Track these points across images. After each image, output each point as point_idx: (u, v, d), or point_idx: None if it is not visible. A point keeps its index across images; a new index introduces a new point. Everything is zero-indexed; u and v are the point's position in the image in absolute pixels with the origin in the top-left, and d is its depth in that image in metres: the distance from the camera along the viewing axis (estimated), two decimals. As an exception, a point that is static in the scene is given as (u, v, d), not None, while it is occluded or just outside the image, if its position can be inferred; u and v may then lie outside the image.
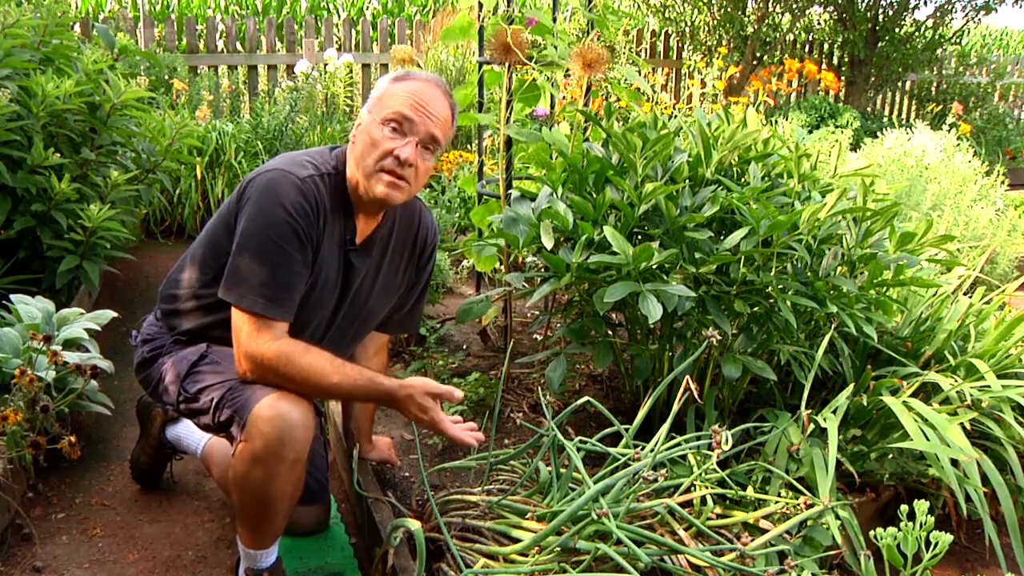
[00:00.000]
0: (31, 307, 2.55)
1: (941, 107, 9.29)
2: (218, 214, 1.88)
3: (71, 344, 2.49)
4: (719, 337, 1.97)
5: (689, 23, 8.69)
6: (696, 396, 1.83)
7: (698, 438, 2.03)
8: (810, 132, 7.28)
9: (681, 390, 1.84)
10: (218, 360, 1.84)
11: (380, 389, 1.81)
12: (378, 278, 1.98)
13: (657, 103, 6.89)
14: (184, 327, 1.92)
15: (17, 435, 2.04)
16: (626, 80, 2.88)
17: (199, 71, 6.53)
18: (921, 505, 1.33)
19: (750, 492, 1.97)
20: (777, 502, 1.90)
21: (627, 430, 1.99)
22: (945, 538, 1.30)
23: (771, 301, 2.21)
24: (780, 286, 2.17)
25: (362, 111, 1.84)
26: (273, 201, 1.72)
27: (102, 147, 3.38)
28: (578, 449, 1.95)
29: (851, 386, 2.16)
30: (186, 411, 1.87)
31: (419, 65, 6.30)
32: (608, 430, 2.07)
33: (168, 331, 1.95)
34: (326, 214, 1.79)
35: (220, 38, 6.85)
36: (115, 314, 2.74)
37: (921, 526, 1.32)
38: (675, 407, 1.87)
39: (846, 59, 9.12)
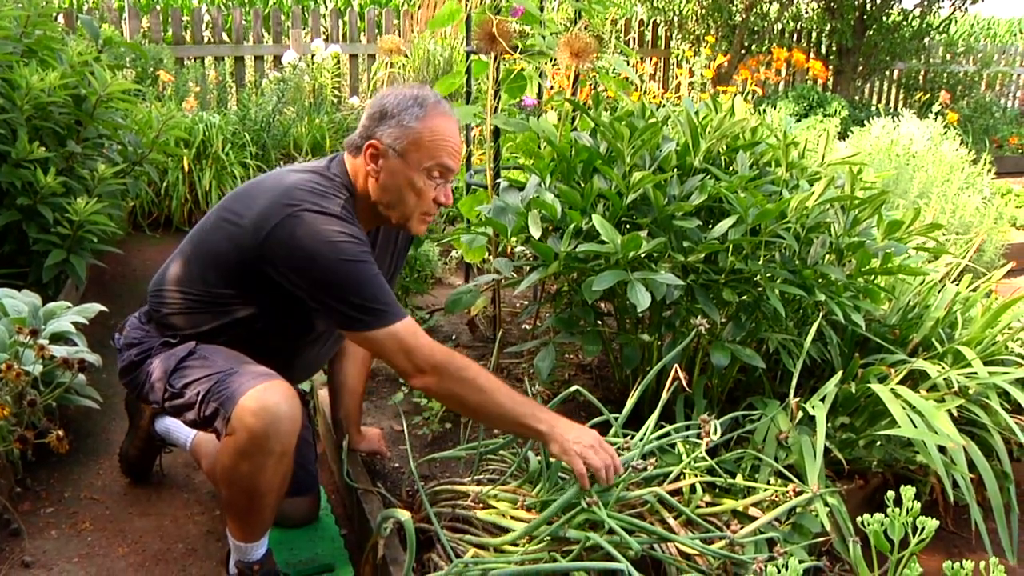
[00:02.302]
0: (17, 301, 2.53)
1: (928, 96, 9.30)
2: (219, 228, 1.83)
3: (58, 338, 2.48)
4: (707, 326, 1.97)
5: (677, 12, 8.68)
6: (685, 385, 1.84)
7: (687, 427, 2.04)
8: (798, 121, 7.28)
9: (670, 379, 1.85)
10: (206, 355, 1.82)
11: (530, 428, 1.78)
12: None
13: (645, 92, 6.89)
14: (176, 331, 1.89)
15: (4, 430, 2.03)
16: (614, 69, 2.87)
17: (185, 62, 6.47)
18: (908, 491, 1.33)
19: (739, 480, 1.98)
20: (766, 490, 1.91)
21: (616, 419, 1.99)
22: (931, 523, 1.30)
23: (759, 289, 2.21)
24: (768, 274, 2.18)
25: (387, 149, 1.79)
26: (333, 237, 1.70)
27: (88, 140, 3.36)
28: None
29: (839, 374, 2.17)
30: (171, 408, 1.85)
31: (406, 55, 6.26)
32: (597, 419, 2.07)
33: (156, 334, 1.92)
34: (363, 235, 1.82)
35: (206, 29, 6.80)
36: (103, 307, 2.73)
37: (908, 512, 1.32)
38: (664, 396, 1.88)
39: (834, 48, 9.12)
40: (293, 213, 1.71)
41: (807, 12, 9.34)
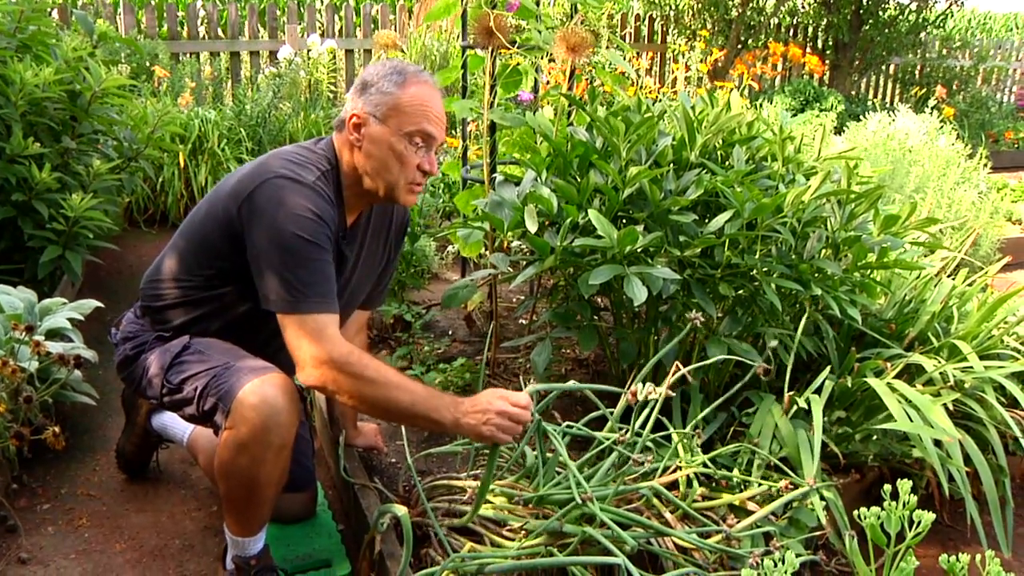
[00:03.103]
0: (13, 297, 2.53)
1: (924, 90, 9.31)
2: (208, 213, 1.84)
3: (54, 334, 2.48)
4: (703, 319, 1.97)
5: (674, 7, 8.67)
6: (689, 378, 1.83)
7: (684, 422, 2.04)
8: (794, 115, 7.28)
9: (671, 374, 1.85)
10: (202, 349, 1.83)
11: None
12: (360, 262, 1.99)
13: (641, 87, 6.88)
14: (169, 323, 1.90)
15: (0, 426, 2.03)
16: (610, 64, 2.87)
17: (181, 58, 6.46)
18: (904, 485, 1.34)
19: (736, 474, 1.98)
20: (762, 484, 1.91)
21: (612, 413, 1.99)
22: (927, 517, 1.31)
23: (756, 284, 2.21)
24: (765, 269, 2.18)
25: (368, 117, 1.78)
26: (295, 208, 1.70)
27: (83, 136, 3.35)
28: (564, 434, 1.95)
29: (829, 366, 2.17)
30: (170, 403, 1.86)
31: (403, 50, 6.23)
32: (594, 414, 2.07)
33: (151, 327, 1.93)
34: (335, 211, 1.80)
35: (201, 24, 6.78)
36: (99, 304, 2.72)
37: (904, 505, 1.32)
38: (664, 389, 1.87)
39: (830, 43, 9.12)
40: (268, 178, 1.73)
41: (803, 7, 9.34)
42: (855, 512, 1.37)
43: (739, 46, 8.41)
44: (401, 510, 1.79)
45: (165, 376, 1.83)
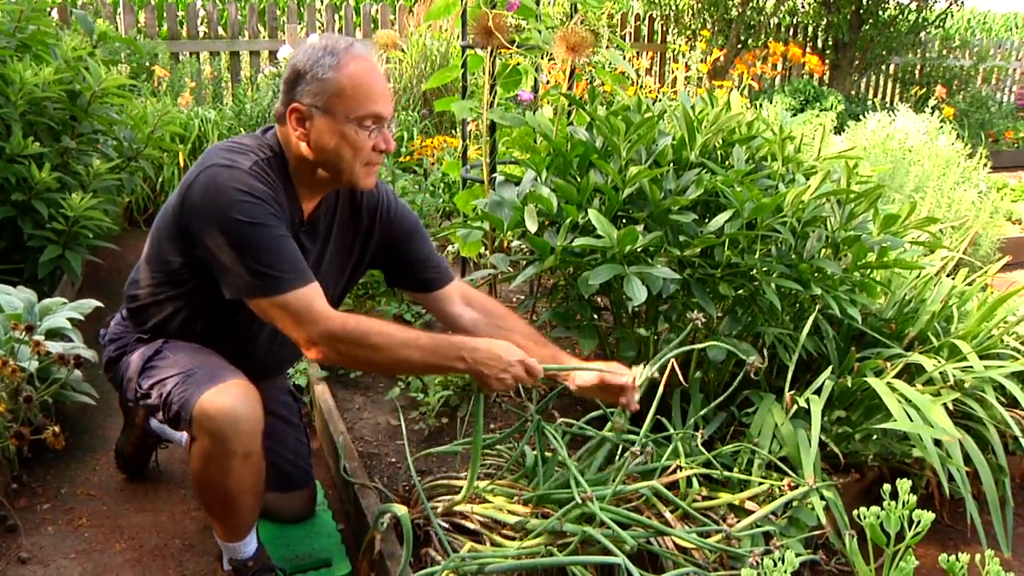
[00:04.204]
0: (12, 297, 2.53)
1: (924, 90, 9.31)
2: (164, 214, 1.80)
3: (54, 334, 2.48)
4: (704, 320, 1.97)
5: (674, 7, 8.67)
6: (681, 379, 1.84)
7: (684, 422, 2.04)
8: (794, 115, 7.28)
9: (666, 374, 1.85)
10: (171, 354, 1.80)
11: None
12: (325, 255, 1.90)
13: (641, 87, 6.88)
14: (146, 324, 1.87)
15: (0, 426, 2.03)
16: (610, 64, 2.87)
17: (181, 58, 6.46)
18: (904, 484, 1.34)
19: (735, 473, 1.98)
20: (762, 483, 1.91)
21: (612, 413, 1.99)
22: (927, 516, 1.31)
23: (756, 283, 2.21)
24: (764, 269, 2.18)
25: (310, 109, 1.69)
26: (230, 194, 1.63)
27: (83, 135, 3.35)
28: (564, 433, 1.95)
29: (831, 366, 2.17)
30: (144, 408, 1.84)
31: (403, 50, 6.23)
32: (594, 413, 2.07)
33: (133, 329, 1.91)
34: (279, 195, 1.73)
35: (202, 24, 6.78)
36: (98, 303, 2.72)
37: (904, 505, 1.32)
38: (660, 390, 1.88)
39: (830, 42, 9.12)
40: (204, 170, 1.68)
41: (803, 7, 9.34)
42: (855, 512, 1.37)
43: (739, 46, 8.41)
44: (401, 510, 1.79)
45: (138, 380, 1.81)
